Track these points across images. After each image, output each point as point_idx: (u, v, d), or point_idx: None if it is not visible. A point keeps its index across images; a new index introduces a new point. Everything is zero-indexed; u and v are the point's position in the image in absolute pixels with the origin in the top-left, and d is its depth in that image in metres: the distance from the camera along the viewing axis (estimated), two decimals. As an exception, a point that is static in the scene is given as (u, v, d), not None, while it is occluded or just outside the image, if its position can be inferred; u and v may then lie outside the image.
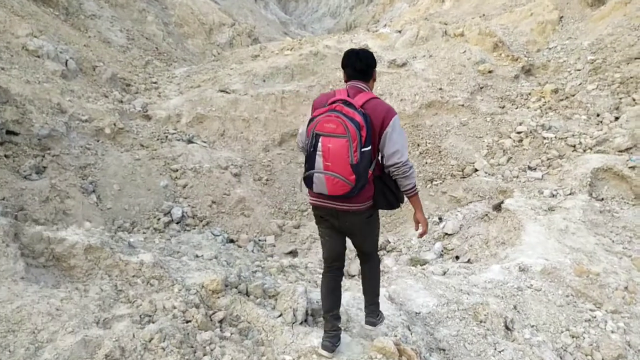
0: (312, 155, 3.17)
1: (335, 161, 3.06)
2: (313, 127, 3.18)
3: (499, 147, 11.46)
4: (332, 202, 3.30)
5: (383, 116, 3.20)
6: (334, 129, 3.05)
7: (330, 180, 3.10)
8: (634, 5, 16.73)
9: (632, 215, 8.59)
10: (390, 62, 15.07)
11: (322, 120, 3.13)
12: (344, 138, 3.02)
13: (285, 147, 13.18)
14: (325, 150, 3.08)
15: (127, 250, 4.49)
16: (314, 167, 3.18)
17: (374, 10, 58.35)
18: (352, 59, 3.38)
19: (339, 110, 3.11)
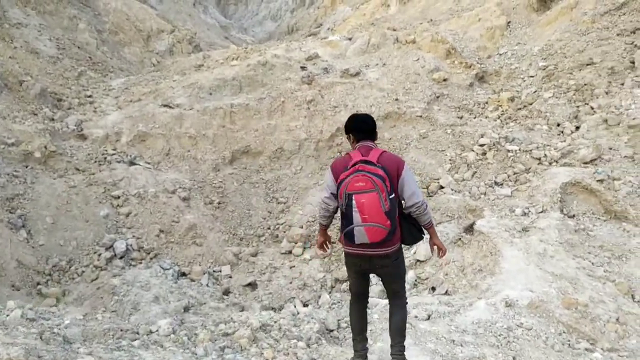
0: (349, 212, 3.55)
1: (371, 213, 3.48)
2: (344, 189, 3.56)
3: (462, 160, 11.04)
4: (370, 249, 3.68)
5: (397, 166, 3.71)
6: (363, 186, 3.49)
7: (370, 230, 3.52)
8: (579, 10, 16.85)
9: (607, 232, 8.30)
10: (343, 71, 14.46)
11: (351, 181, 3.53)
12: (374, 192, 3.47)
13: (237, 166, 12.31)
14: (360, 205, 3.49)
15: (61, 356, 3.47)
16: (352, 222, 3.56)
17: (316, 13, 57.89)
18: (359, 124, 3.96)
19: (362, 169, 3.55)
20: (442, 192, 10.28)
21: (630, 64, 13.22)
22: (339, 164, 3.82)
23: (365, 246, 3.64)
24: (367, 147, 3.81)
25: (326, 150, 12.45)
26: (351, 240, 3.64)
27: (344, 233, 3.64)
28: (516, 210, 8.90)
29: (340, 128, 12.72)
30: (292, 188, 11.79)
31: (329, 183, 3.81)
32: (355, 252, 3.77)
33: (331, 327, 5.75)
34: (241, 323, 4.86)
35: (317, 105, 13.45)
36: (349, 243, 3.71)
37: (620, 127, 10.78)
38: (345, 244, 3.79)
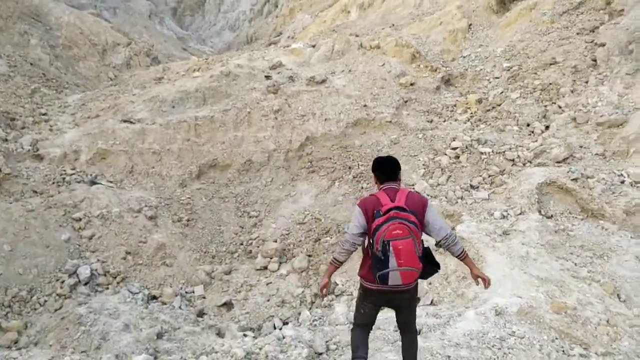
0: (385, 258, 3.70)
1: (407, 258, 3.68)
2: (381, 236, 3.70)
3: (435, 165, 10.90)
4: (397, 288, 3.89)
5: (422, 205, 3.93)
6: (401, 234, 3.66)
7: (405, 274, 3.73)
8: (537, 11, 17.08)
9: (586, 231, 8.24)
10: (309, 79, 14.20)
11: (389, 229, 3.68)
12: (410, 238, 3.68)
13: (205, 181, 11.87)
14: (397, 251, 3.66)
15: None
16: (388, 266, 3.72)
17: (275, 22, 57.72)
18: (384, 165, 4.14)
19: (396, 216, 3.72)
20: (418, 198, 10.11)
21: (593, 62, 13.39)
22: (369, 205, 3.94)
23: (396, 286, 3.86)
24: (393, 189, 4.00)
25: (296, 161, 12.14)
26: (384, 282, 3.81)
27: (379, 276, 3.77)
28: (495, 213, 8.77)
29: (310, 137, 12.46)
30: (263, 201, 11.42)
31: (361, 222, 3.94)
32: (379, 289, 3.98)
33: (319, 349, 5.42)
34: (224, 353, 4.50)
35: (285, 114, 13.14)
36: (381, 284, 3.86)
37: (589, 125, 10.84)
38: (371, 283, 3.98)
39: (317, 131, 12.60)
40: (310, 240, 10.27)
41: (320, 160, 12.07)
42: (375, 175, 4.22)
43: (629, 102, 10.92)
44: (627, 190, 9.05)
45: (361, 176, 11.29)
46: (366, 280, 4.07)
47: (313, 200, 11.23)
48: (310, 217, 10.71)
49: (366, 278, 4.06)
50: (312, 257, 9.84)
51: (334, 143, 12.41)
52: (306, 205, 11.15)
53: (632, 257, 7.53)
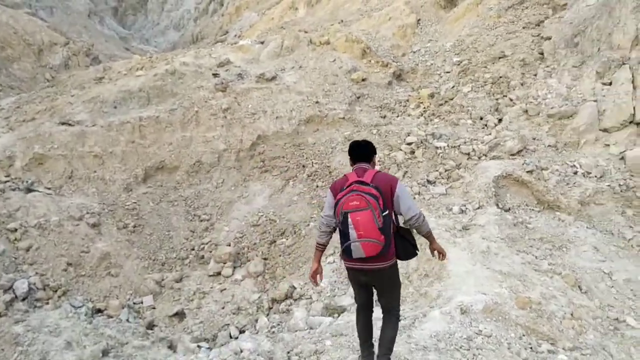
0: (346, 230, 3.76)
1: (366, 229, 3.69)
2: (340, 207, 3.78)
3: (391, 161, 10.70)
4: (367, 264, 3.88)
5: (390, 185, 3.92)
6: (357, 205, 3.69)
7: (365, 245, 3.73)
8: (484, 6, 17.23)
9: (544, 223, 8.20)
10: (259, 76, 13.77)
11: (347, 201, 3.74)
12: (367, 210, 3.69)
13: (152, 184, 11.27)
14: (355, 222, 3.69)
15: None
16: (349, 238, 3.76)
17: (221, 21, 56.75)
18: (356, 149, 4.18)
19: (356, 189, 3.76)
20: (375, 195, 9.88)
21: (540, 55, 13.55)
22: (337, 184, 4.04)
23: (362, 260, 3.85)
24: (363, 168, 4.05)
25: (248, 160, 11.71)
26: (349, 255, 3.83)
27: (343, 249, 3.85)
28: (453, 208, 8.62)
29: (261, 136, 12.06)
30: (214, 203, 10.94)
31: (330, 202, 4.01)
32: (354, 266, 3.98)
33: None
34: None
35: (234, 113, 12.67)
36: (348, 258, 3.91)
37: (540, 117, 10.89)
38: (345, 259, 4.01)
39: (269, 129, 12.21)
40: (266, 243, 9.88)
41: (273, 160, 11.69)
42: (349, 158, 4.24)
43: (577, 93, 11.04)
44: (580, 180, 9.09)
45: (316, 174, 10.98)
46: (342, 259, 4.12)
47: (267, 201, 10.84)
48: (264, 218, 10.32)
49: (341, 256, 4.10)
50: (268, 260, 9.45)
51: (287, 141, 12.05)
52: (260, 206, 10.75)
53: (590, 247, 7.52)
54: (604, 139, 10.17)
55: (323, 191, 10.47)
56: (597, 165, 9.49)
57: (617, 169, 9.44)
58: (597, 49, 11.82)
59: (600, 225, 8.37)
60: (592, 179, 9.20)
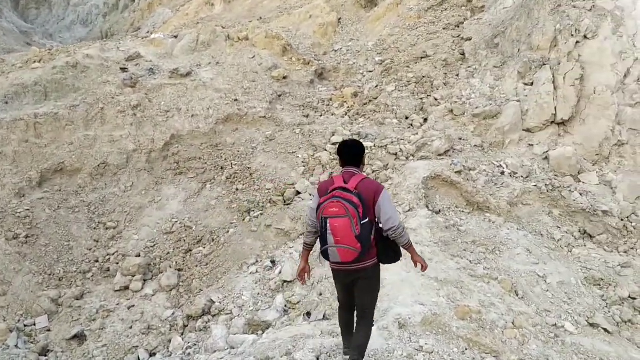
0: (324, 234, 3.75)
1: (343, 235, 3.69)
2: (320, 212, 3.77)
3: (316, 162, 10.13)
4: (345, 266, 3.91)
5: (374, 193, 3.86)
6: (337, 212, 3.68)
7: (341, 251, 3.74)
8: (404, 7, 17.17)
9: (475, 225, 7.93)
10: (172, 71, 12.74)
11: (327, 206, 3.72)
12: (346, 217, 3.66)
13: (49, 188, 10.00)
14: (333, 228, 3.69)
15: None
16: (327, 243, 3.76)
17: (132, 17, 54.21)
18: (346, 149, 4.07)
19: (338, 195, 3.73)
20: (300, 198, 9.23)
21: (461, 56, 13.54)
22: (323, 186, 4.03)
23: (340, 264, 3.89)
24: (351, 173, 3.97)
25: (161, 162, 10.70)
26: (326, 258, 3.88)
27: (322, 252, 3.88)
28: (383, 211, 8.16)
29: (175, 135, 11.10)
30: (122, 209, 9.85)
31: (316, 203, 3.97)
32: (335, 267, 4.04)
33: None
34: None
35: (145, 110, 11.61)
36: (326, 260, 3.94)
37: (465, 117, 10.75)
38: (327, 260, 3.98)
39: (184, 128, 11.26)
40: (180, 252, 8.96)
41: (188, 161, 10.76)
42: (339, 159, 4.16)
43: (501, 93, 11.01)
44: (508, 181, 8.97)
45: (235, 177, 10.18)
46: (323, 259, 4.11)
47: (182, 206, 9.91)
48: (179, 225, 9.40)
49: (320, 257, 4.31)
50: (183, 272, 8.54)
51: (204, 141, 11.16)
52: (174, 211, 9.80)
53: (523, 250, 7.32)
54: (528, 138, 10.17)
55: (243, 194, 9.70)
56: (522, 166, 9.42)
57: (541, 169, 9.42)
58: (517, 50, 11.90)
59: (529, 226, 8.25)
60: (519, 179, 9.11)
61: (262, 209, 9.22)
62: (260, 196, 9.53)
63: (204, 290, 7.70)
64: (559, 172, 9.36)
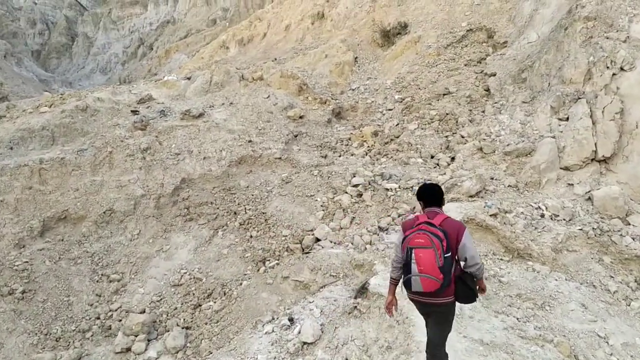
0: (409, 263, 3.93)
1: (427, 265, 3.85)
2: (406, 243, 3.98)
3: (336, 205, 9.36)
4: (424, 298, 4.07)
5: (457, 231, 4.03)
6: (422, 243, 3.90)
7: (424, 281, 3.88)
8: (422, 44, 16.69)
9: (518, 276, 7.03)
10: (184, 113, 12.23)
11: (413, 237, 3.95)
12: (431, 249, 3.86)
13: (51, 238, 9.33)
14: (418, 258, 3.88)
15: None
16: (411, 272, 3.92)
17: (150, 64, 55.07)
18: (428, 193, 4.30)
19: (424, 229, 3.96)
20: (320, 245, 8.42)
21: (485, 92, 12.89)
22: (408, 223, 4.17)
23: (421, 295, 4.03)
24: (434, 212, 4.16)
25: (170, 207, 10.02)
26: (408, 287, 3.99)
27: (404, 281, 3.99)
28: (412, 260, 7.32)
29: (186, 179, 10.45)
30: (128, 259, 9.12)
31: (400, 236, 4.18)
32: (413, 298, 4.18)
33: None
34: None
35: (155, 153, 11.03)
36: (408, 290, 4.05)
37: (496, 155, 9.98)
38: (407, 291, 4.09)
39: (195, 172, 10.63)
40: (189, 307, 8.14)
41: (199, 206, 10.07)
42: (420, 203, 4.38)
43: (533, 129, 10.26)
44: (549, 224, 8.09)
45: (249, 223, 9.44)
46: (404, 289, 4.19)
47: (192, 255, 9.15)
48: (188, 276, 8.61)
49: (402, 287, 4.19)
50: (191, 330, 7.69)
51: (216, 185, 10.49)
52: (183, 261, 9.04)
53: (577, 304, 6.38)
54: (566, 177, 9.33)
55: (258, 242, 8.93)
56: (563, 207, 8.56)
57: (585, 211, 8.54)
58: (547, 84, 11.20)
59: (578, 276, 7.31)
60: (561, 223, 8.23)
61: (279, 258, 8.42)
62: (276, 244, 8.74)
63: (213, 352, 6.82)
64: (604, 214, 8.47)
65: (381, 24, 18.78)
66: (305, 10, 23.57)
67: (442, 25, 17.32)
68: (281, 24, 24.20)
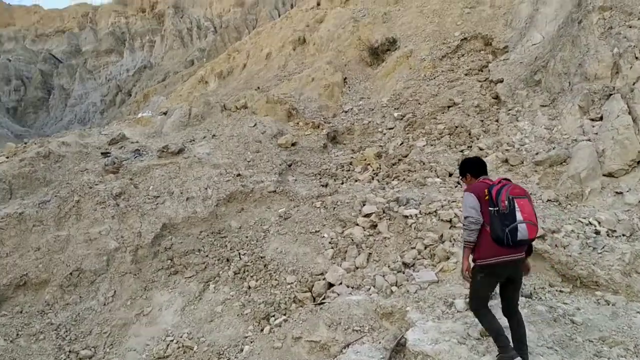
0: (513, 212, 4.08)
1: (530, 212, 4.12)
2: (505, 193, 4.12)
3: (347, 241, 7.88)
4: (517, 253, 4.26)
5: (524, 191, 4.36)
6: (520, 192, 4.18)
7: (530, 227, 4.10)
8: (415, 58, 15.56)
9: (593, 312, 5.54)
10: (162, 150, 10.78)
11: (510, 188, 4.16)
12: (526, 198, 4.20)
13: (8, 310, 7.72)
14: (521, 206, 4.09)
15: None
16: (516, 220, 4.07)
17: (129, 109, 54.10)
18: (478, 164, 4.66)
19: (508, 182, 4.30)
20: (335, 292, 6.88)
21: (494, 100, 11.66)
22: (478, 188, 4.35)
23: (520, 246, 4.20)
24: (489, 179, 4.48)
25: (150, 260, 8.46)
26: (513, 236, 4.07)
27: (509, 230, 4.05)
28: (455, 302, 5.82)
29: (167, 225, 8.94)
30: (101, 329, 7.50)
31: (475, 203, 4.28)
32: (507, 258, 4.23)
33: None
34: None
35: (130, 198, 9.53)
36: (508, 245, 4.11)
37: (525, 166, 8.63)
38: (499, 252, 4.20)
39: (177, 215, 9.13)
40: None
41: (185, 255, 8.52)
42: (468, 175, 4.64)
43: (562, 134, 8.96)
44: (609, 242, 6.68)
45: (246, 271, 7.90)
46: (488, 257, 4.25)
47: (179, 317, 7.56)
48: (175, 345, 7.01)
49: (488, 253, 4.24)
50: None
51: (203, 229, 8.99)
52: (169, 325, 7.44)
53: (681, 345, 4.90)
54: (612, 185, 7.97)
55: (258, 294, 7.37)
56: (619, 220, 7.18)
57: (645, 222, 7.16)
58: (568, 83, 9.97)
59: (660, 303, 5.86)
60: (622, 239, 6.83)
61: (286, 312, 6.85)
62: (280, 294, 7.19)
63: None
64: (667, 224, 7.11)
65: (368, 41, 17.65)
66: (285, 36, 22.50)
67: (433, 37, 16.23)
68: (261, 53, 23.07)
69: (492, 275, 4.39)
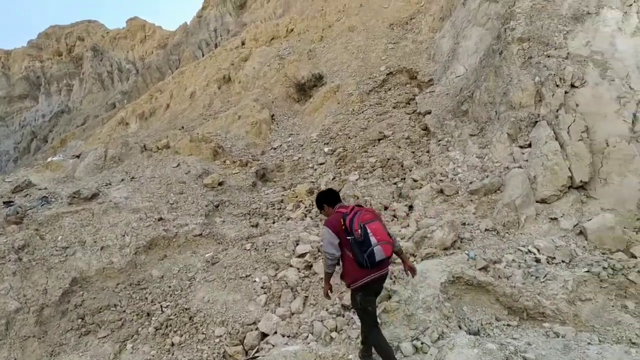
0: (366, 238, 4.38)
1: (381, 233, 4.45)
2: (358, 221, 4.42)
3: (280, 284, 7.26)
4: (384, 269, 4.60)
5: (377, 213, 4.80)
6: (370, 217, 4.50)
7: (385, 247, 4.42)
8: (342, 93, 15.47)
9: (544, 347, 5.20)
10: (72, 196, 9.81)
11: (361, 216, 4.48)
12: (377, 220, 4.54)
13: None
14: (373, 230, 4.40)
15: None
16: (371, 244, 4.38)
17: (44, 156, 51.43)
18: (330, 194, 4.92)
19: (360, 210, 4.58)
20: (269, 343, 6.21)
21: (423, 131, 11.59)
22: (335, 220, 4.57)
23: (382, 265, 4.52)
24: (345, 206, 4.76)
25: (58, 320, 7.45)
26: (372, 259, 4.40)
27: (367, 255, 4.38)
28: (401, 346, 5.33)
29: (78, 278, 7.97)
30: (-2, 408, 6.42)
31: (333, 239, 4.53)
32: (375, 276, 4.55)
33: None
34: None
35: (35, 251, 8.48)
36: (370, 267, 4.45)
37: (460, 196, 8.44)
38: (366, 274, 4.50)
39: (90, 267, 8.19)
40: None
41: (98, 312, 7.58)
42: (325, 206, 4.85)
43: (494, 162, 8.88)
44: (550, 270, 6.48)
45: (169, 325, 7.07)
46: (359, 279, 4.53)
47: (92, 385, 6.61)
48: (87, 419, 6.06)
49: (357, 276, 4.52)
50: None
51: (120, 280, 8.09)
52: (80, 396, 6.48)
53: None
54: (546, 211, 7.90)
55: (183, 351, 6.56)
56: (557, 247, 7.03)
57: (581, 248, 7.09)
58: (494, 112, 10.03)
59: (608, 333, 5.64)
60: (562, 266, 6.66)
61: (215, 372, 6.10)
62: (208, 350, 6.42)
63: None
64: (603, 249, 7.05)
65: (294, 78, 17.45)
66: (209, 75, 21.97)
67: (359, 72, 16.26)
68: (185, 92, 22.37)
69: (368, 290, 4.67)
